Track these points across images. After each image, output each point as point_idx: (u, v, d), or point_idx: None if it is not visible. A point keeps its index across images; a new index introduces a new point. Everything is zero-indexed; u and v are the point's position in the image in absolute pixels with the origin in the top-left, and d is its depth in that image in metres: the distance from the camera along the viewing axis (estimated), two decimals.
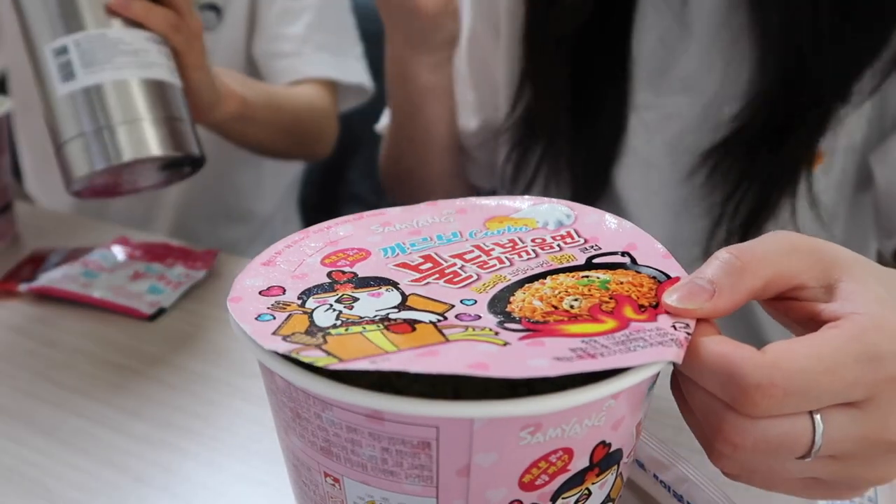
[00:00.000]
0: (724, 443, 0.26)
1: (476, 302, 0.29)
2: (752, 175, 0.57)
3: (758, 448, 0.25)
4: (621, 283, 0.29)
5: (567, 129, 0.62)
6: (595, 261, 0.31)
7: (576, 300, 0.28)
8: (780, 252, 0.28)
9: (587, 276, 0.30)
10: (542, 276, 0.30)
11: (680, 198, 0.61)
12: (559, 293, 0.29)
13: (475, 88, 0.70)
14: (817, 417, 0.25)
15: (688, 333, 0.25)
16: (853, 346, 0.25)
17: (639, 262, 0.31)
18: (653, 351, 0.24)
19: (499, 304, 0.28)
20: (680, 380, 0.28)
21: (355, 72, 0.91)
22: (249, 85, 0.77)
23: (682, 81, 0.60)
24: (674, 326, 0.26)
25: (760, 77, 0.56)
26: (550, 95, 0.62)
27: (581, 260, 0.31)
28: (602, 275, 0.30)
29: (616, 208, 0.64)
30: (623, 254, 0.32)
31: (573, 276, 0.30)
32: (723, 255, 0.28)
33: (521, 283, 0.30)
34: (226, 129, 0.75)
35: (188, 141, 0.57)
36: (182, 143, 0.56)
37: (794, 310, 0.29)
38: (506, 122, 0.67)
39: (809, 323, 0.28)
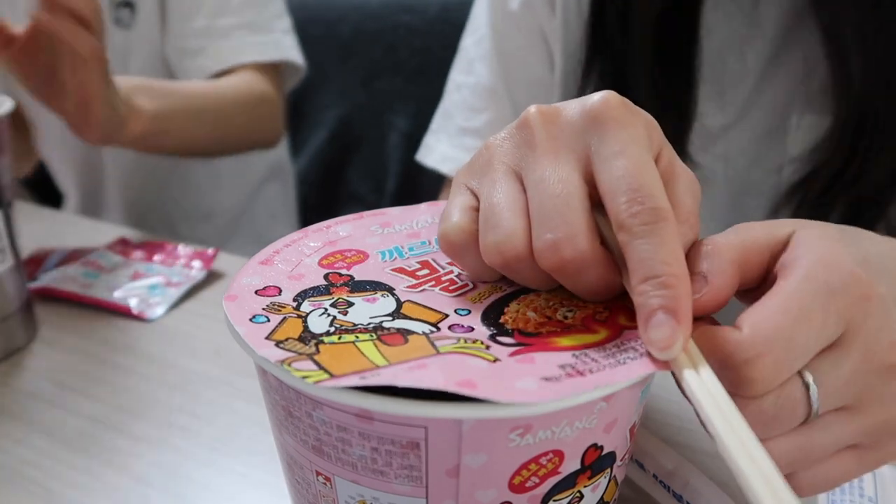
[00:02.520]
0: None
1: (470, 312, 0.29)
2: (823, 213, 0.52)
3: (761, 419, 0.25)
4: None
5: None
6: None
7: (570, 311, 0.28)
8: (745, 227, 0.28)
9: None
10: None
11: (733, 220, 0.59)
12: (553, 304, 0.29)
13: (536, 60, 0.64)
14: (805, 374, 0.25)
15: None
16: (807, 286, 0.25)
17: None
18: (641, 363, 0.24)
19: (492, 314, 0.28)
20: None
21: (282, 48, 0.87)
22: (164, 92, 0.74)
23: (747, 91, 0.55)
24: None
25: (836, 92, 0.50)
26: (622, 82, 0.56)
27: None
28: None
29: None
30: None
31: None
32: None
33: (516, 295, 0.30)
34: (138, 147, 0.74)
35: None
36: None
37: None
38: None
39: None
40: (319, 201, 1.11)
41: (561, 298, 0.29)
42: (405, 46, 1.03)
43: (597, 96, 0.28)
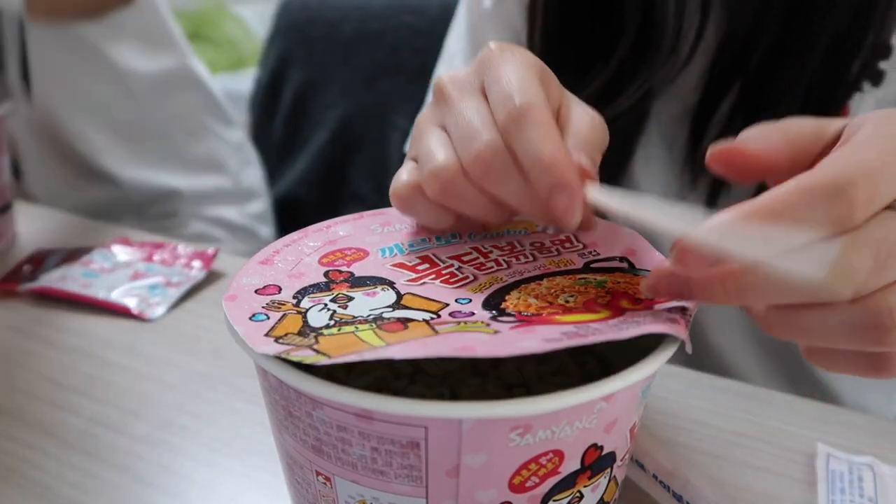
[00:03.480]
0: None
1: (471, 301, 0.29)
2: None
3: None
4: (618, 282, 0.29)
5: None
6: (593, 265, 0.31)
7: (571, 296, 0.28)
8: (785, 121, 0.28)
9: (584, 279, 0.30)
10: (539, 278, 0.30)
11: (681, 183, 0.59)
12: (555, 291, 0.29)
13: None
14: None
15: (685, 315, 0.26)
16: (883, 129, 0.25)
17: (637, 266, 0.31)
18: (644, 328, 0.24)
19: (494, 301, 0.29)
20: (783, 319, 0.26)
21: None
22: None
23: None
24: (670, 310, 0.26)
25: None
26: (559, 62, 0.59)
27: (579, 264, 0.32)
28: (599, 277, 0.30)
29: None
30: (621, 259, 0.32)
31: (570, 279, 0.30)
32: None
33: (517, 284, 0.30)
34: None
35: None
36: None
37: None
38: None
39: None
40: (321, 201, 1.11)
41: (562, 286, 0.29)
42: (407, 47, 1.03)
43: (486, 47, 0.33)
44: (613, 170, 0.60)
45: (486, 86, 0.32)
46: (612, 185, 0.61)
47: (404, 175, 0.33)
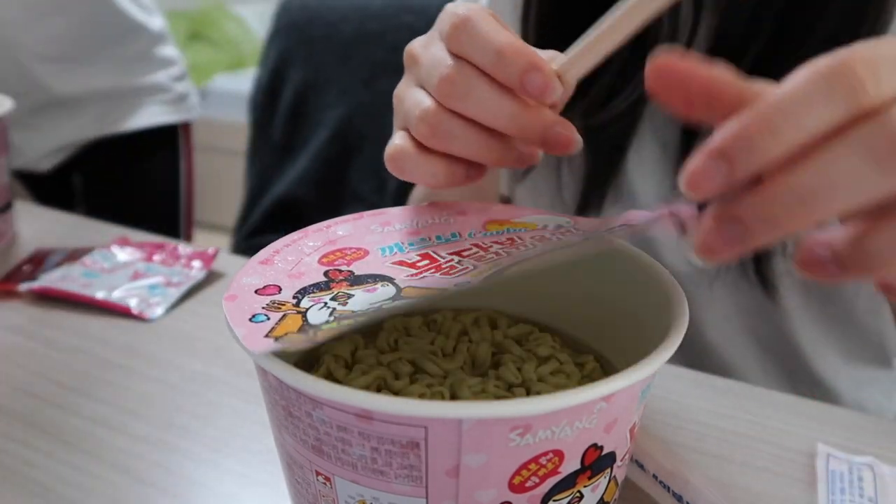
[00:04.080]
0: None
1: (470, 282, 0.29)
2: None
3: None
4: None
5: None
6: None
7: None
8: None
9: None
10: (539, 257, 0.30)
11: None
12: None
13: None
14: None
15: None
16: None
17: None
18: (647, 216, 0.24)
19: (493, 276, 0.28)
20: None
21: None
22: None
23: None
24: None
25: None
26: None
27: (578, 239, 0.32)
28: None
29: (630, 204, 0.63)
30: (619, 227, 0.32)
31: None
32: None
33: (517, 263, 0.30)
34: None
35: None
36: None
37: None
38: None
39: None
40: (320, 201, 1.11)
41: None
42: None
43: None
44: (606, 169, 0.60)
45: (440, 32, 0.34)
46: (605, 185, 0.62)
47: (395, 140, 0.35)
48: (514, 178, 0.67)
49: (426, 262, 0.32)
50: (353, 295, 0.29)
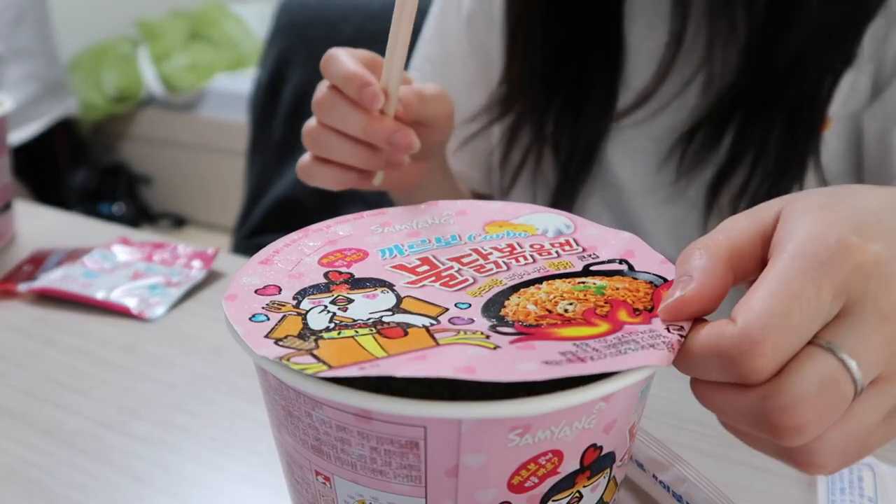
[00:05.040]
0: (790, 432, 0.24)
1: (470, 306, 0.29)
2: (739, 152, 0.55)
3: (814, 408, 0.24)
4: (617, 288, 0.29)
5: (552, 104, 0.61)
6: (592, 268, 0.31)
7: (570, 304, 0.28)
8: (730, 221, 0.28)
9: (583, 283, 0.30)
10: (539, 281, 0.30)
11: (669, 182, 0.60)
12: (554, 298, 0.29)
13: (476, 69, 0.69)
14: (834, 348, 0.24)
15: (681, 335, 0.25)
16: (795, 264, 0.24)
17: (636, 269, 0.31)
18: (643, 354, 0.24)
19: (493, 307, 0.28)
20: (701, 394, 0.27)
21: None
22: None
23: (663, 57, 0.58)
24: (668, 329, 0.26)
25: (745, 50, 0.54)
26: (529, 69, 0.62)
27: (578, 267, 0.31)
28: (598, 281, 0.30)
29: (614, 193, 0.63)
30: (620, 261, 0.32)
31: (569, 282, 0.30)
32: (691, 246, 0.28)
33: (516, 288, 0.30)
34: None
35: None
36: None
37: None
38: (494, 95, 0.65)
39: None
40: (320, 201, 1.11)
41: (562, 292, 0.29)
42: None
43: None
44: (584, 155, 0.62)
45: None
46: (583, 171, 0.64)
47: (304, 155, 0.48)
48: (501, 191, 0.68)
49: (426, 267, 0.32)
50: (353, 300, 0.29)
